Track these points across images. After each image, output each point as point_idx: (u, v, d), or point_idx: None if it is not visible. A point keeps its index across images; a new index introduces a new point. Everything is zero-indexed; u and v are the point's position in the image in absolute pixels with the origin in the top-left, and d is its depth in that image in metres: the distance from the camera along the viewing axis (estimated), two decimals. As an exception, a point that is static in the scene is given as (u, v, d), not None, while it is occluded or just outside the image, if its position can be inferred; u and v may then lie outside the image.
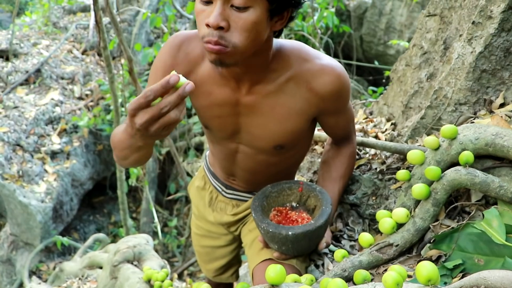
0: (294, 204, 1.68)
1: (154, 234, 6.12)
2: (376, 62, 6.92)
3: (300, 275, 1.56)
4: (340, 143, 1.80)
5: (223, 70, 1.47)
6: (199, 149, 6.19)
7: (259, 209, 1.59)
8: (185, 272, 5.72)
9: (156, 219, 5.52)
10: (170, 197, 6.16)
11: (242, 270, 2.95)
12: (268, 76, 1.48)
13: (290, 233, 1.47)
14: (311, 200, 1.64)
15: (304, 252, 1.61)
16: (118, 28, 3.79)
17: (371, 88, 5.75)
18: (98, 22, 3.61)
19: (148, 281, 2.59)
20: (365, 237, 1.52)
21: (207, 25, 1.26)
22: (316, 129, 2.42)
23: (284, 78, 1.48)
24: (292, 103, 1.51)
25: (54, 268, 5.35)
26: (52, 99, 6.59)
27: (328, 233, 1.66)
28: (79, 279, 3.72)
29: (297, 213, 1.64)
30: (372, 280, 1.44)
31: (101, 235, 5.12)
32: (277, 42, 1.49)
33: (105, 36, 3.83)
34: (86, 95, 6.90)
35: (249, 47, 1.32)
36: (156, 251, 6.34)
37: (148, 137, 1.20)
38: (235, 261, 2.17)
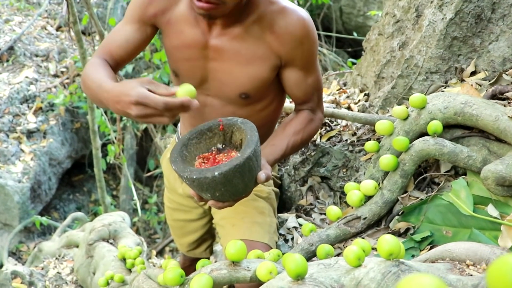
0: (219, 146, 1.47)
1: (134, 211, 6.08)
2: (355, 34, 6.85)
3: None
4: (301, 108, 1.71)
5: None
6: (177, 124, 6.11)
7: (178, 159, 1.36)
8: (167, 249, 5.70)
9: (135, 196, 5.46)
10: (149, 174, 6.10)
11: (218, 246, 2.93)
12: (238, 20, 1.49)
13: (216, 173, 1.24)
14: (236, 135, 1.45)
15: (243, 194, 1.39)
16: (88, 1, 3.68)
17: (350, 60, 5.69)
18: (66, -4, 3.50)
19: (123, 259, 2.56)
20: (332, 211, 1.49)
21: None
22: (288, 101, 2.38)
23: (250, 20, 1.50)
24: (256, 47, 1.51)
25: (34, 248, 5.30)
26: (27, 77, 6.43)
27: (265, 166, 1.43)
28: (56, 258, 3.67)
29: (225, 155, 1.43)
30: (340, 254, 1.42)
31: (79, 214, 5.04)
32: None
33: (74, 11, 3.72)
34: (62, 72, 6.74)
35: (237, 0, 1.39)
36: (137, 228, 6.32)
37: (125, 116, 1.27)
38: (208, 236, 2.15)
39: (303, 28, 1.48)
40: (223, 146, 1.46)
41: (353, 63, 5.34)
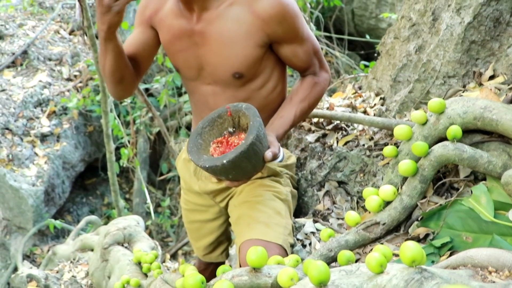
0: (230, 129, 1.64)
1: (147, 215, 6.09)
2: (367, 36, 6.83)
3: (286, 254, 1.53)
4: (305, 74, 1.81)
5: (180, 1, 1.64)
6: (190, 128, 6.11)
7: (194, 149, 1.55)
8: (180, 252, 5.70)
9: (148, 200, 5.47)
10: (162, 177, 6.11)
11: (233, 251, 2.93)
12: (213, 3, 1.61)
13: (224, 161, 1.43)
14: (242, 119, 1.61)
15: (254, 173, 1.57)
16: (102, 6, 3.70)
17: (363, 62, 5.68)
18: (80, 1, 3.52)
19: (139, 263, 2.57)
20: (351, 216, 1.49)
21: None
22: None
23: (227, 3, 1.60)
24: (237, 28, 1.60)
25: (48, 252, 5.33)
26: (40, 81, 6.47)
27: (273, 143, 1.58)
28: (71, 262, 3.70)
29: (236, 137, 1.61)
30: (358, 260, 1.42)
31: (93, 217, 5.07)
32: None
33: (89, 15, 3.74)
34: (75, 76, 6.77)
35: None
36: (150, 231, 6.34)
37: (106, 16, 1.54)
38: (224, 238, 2.16)
39: (283, 8, 1.57)
40: (234, 129, 1.64)
41: (366, 66, 5.33)
